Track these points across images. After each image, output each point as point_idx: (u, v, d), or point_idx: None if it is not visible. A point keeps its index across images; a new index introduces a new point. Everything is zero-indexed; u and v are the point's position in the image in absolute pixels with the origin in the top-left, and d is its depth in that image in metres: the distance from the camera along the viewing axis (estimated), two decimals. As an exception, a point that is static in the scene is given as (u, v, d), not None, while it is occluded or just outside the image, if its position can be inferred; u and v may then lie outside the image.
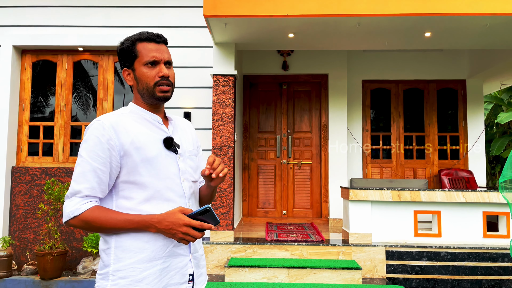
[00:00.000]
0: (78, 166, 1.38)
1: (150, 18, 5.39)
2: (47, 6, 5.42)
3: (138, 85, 1.49)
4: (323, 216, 6.37)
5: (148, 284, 1.34)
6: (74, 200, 1.36)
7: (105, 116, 1.43)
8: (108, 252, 1.38)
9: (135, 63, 1.49)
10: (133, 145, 1.40)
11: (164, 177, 1.43)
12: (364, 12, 4.12)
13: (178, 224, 1.31)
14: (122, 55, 1.52)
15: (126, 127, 1.42)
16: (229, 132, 4.88)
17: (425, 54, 6.79)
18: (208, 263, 4.59)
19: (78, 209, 1.34)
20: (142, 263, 1.34)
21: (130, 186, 1.39)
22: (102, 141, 1.37)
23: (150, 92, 1.48)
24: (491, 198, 4.57)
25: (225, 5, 4.14)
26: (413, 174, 6.70)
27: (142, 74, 1.48)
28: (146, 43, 1.49)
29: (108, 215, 1.35)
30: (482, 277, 4.43)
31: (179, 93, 5.33)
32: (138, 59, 1.48)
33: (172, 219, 1.32)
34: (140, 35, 1.51)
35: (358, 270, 4.23)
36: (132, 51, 1.49)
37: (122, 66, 1.54)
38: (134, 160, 1.39)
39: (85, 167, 1.36)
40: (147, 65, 1.48)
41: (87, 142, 1.38)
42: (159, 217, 1.33)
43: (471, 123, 6.74)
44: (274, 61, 6.57)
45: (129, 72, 1.52)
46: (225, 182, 4.81)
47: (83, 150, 1.38)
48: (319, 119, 6.58)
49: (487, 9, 4.04)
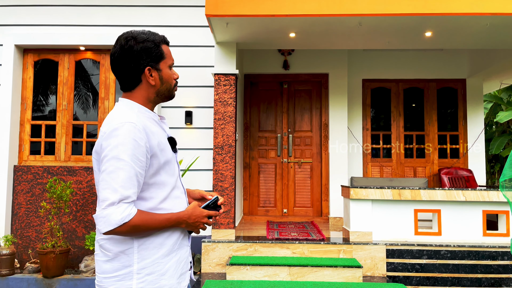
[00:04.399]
0: (122, 171, 1.32)
1: (152, 18, 5.41)
2: (49, 5, 5.43)
3: (162, 86, 1.52)
4: (323, 214, 6.40)
5: (170, 276, 1.45)
6: (122, 206, 1.32)
7: (129, 117, 1.40)
8: (130, 252, 1.40)
9: (161, 64, 1.50)
10: (159, 147, 1.44)
11: (174, 176, 1.52)
12: (365, 12, 4.14)
13: (202, 216, 1.51)
14: (146, 53, 1.46)
15: (150, 128, 1.44)
16: (230, 131, 4.90)
17: (425, 54, 6.82)
18: (209, 261, 4.62)
19: (129, 214, 1.32)
20: (163, 258, 1.44)
21: (150, 187, 1.43)
22: (140, 144, 1.36)
23: (170, 92, 1.56)
24: (491, 197, 4.60)
25: (227, 5, 4.16)
26: (413, 173, 6.73)
27: (168, 76, 1.53)
28: (167, 46, 1.54)
29: (151, 217, 1.39)
30: (482, 275, 4.46)
31: (181, 92, 5.35)
32: (165, 60, 1.51)
33: (197, 213, 1.50)
34: (163, 37, 1.53)
35: (359, 268, 4.26)
36: (159, 51, 1.49)
37: (142, 64, 1.47)
38: (159, 162, 1.44)
39: (130, 171, 1.33)
40: (170, 67, 1.54)
41: (126, 145, 1.33)
42: (187, 213, 1.48)
43: (471, 122, 6.78)
44: (275, 60, 6.59)
45: (153, 72, 1.49)
46: (227, 181, 4.84)
47: (123, 153, 1.33)
48: (320, 118, 6.60)
49: (488, 9, 4.06)
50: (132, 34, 1.48)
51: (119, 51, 1.48)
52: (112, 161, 1.33)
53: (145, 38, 1.47)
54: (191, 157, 5.24)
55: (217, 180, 4.84)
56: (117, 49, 1.48)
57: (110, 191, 1.31)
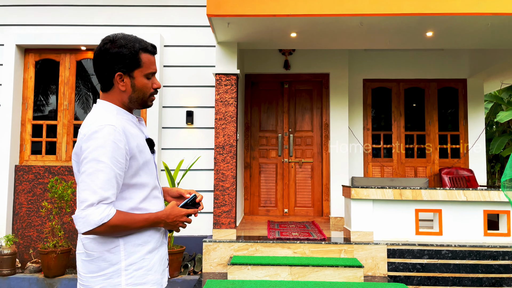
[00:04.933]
0: (101, 172, 1.35)
1: (153, 18, 5.41)
2: (50, 5, 5.44)
3: (133, 93, 1.50)
4: (324, 214, 6.40)
5: (156, 271, 1.51)
6: (102, 207, 1.34)
7: (109, 119, 1.42)
8: (116, 251, 1.43)
9: (135, 72, 1.48)
10: (138, 149, 1.47)
11: (153, 177, 1.56)
12: (366, 11, 4.15)
13: (180, 215, 1.53)
14: (120, 59, 1.45)
15: (129, 130, 1.46)
16: (231, 131, 4.90)
17: (426, 53, 6.82)
18: (211, 261, 4.62)
19: (108, 215, 1.35)
20: (149, 254, 1.49)
21: (130, 187, 1.46)
22: (120, 147, 1.39)
23: (143, 101, 1.54)
24: (492, 197, 4.61)
25: (229, 5, 4.17)
26: (414, 173, 6.74)
27: (142, 85, 1.50)
28: (149, 55, 1.51)
29: (129, 217, 1.42)
30: (483, 275, 4.46)
31: (182, 92, 5.35)
32: (141, 69, 1.48)
33: (176, 213, 1.52)
34: (145, 45, 1.49)
35: (360, 268, 4.26)
36: (136, 59, 1.47)
37: (114, 69, 1.46)
38: (138, 163, 1.47)
39: (110, 173, 1.36)
40: (147, 77, 1.51)
41: (105, 147, 1.36)
42: (165, 212, 1.50)
43: (471, 122, 6.78)
44: (275, 60, 6.60)
45: (125, 78, 1.48)
46: (228, 181, 4.84)
47: (103, 156, 1.35)
48: (321, 118, 6.61)
49: (489, 9, 4.07)
50: (114, 37, 1.47)
51: (98, 52, 1.49)
52: (92, 163, 1.35)
53: (123, 43, 1.45)
54: (192, 157, 5.24)
55: (218, 180, 4.84)
56: (97, 49, 1.49)
57: (89, 192, 1.33)
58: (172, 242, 4.65)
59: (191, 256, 5.07)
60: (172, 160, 5.25)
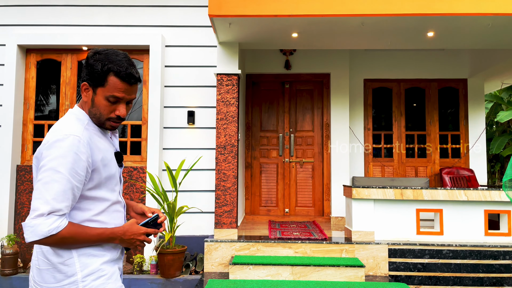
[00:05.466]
0: (57, 183, 1.31)
1: (155, 17, 5.42)
2: (51, 6, 5.44)
3: (92, 108, 1.47)
4: (325, 214, 6.41)
5: (116, 280, 1.48)
6: (52, 218, 1.30)
7: (75, 129, 1.38)
8: (70, 263, 1.39)
9: (98, 89, 1.44)
10: (102, 162, 1.44)
11: (116, 191, 1.52)
12: (368, 12, 4.16)
13: (138, 233, 1.48)
14: (90, 71, 1.45)
15: (96, 143, 1.44)
16: (233, 131, 4.91)
17: (427, 53, 6.83)
18: (212, 260, 4.63)
19: (57, 227, 1.31)
20: (107, 264, 1.46)
21: (88, 199, 1.42)
22: (81, 158, 1.35)
23: (99, 121, 1.48)
24: (493, 197, 4.62)
25: (230, 5, 4.17)
26: (415, 173, 6.75)
27: (100, 104, 1.45)
28: (120, 81, 1.44)
29: (81, 230, 1.37)
30: (484, 275, 4.48)
31: (183, 92, 5.36)
32: (103, 89, 1.44)
33: (134, 230, 1.48)
34: (119, 70, 1.43)
35: (361, 267, 4.27)
36: (101, 77, 1.43)
37: (85, 78, 1.47)
38: (100, 177, 1.43)
39: (66, 185, 1.32)
40: (108, 99, 1.45)
41: (66, 157, 1.32)
42: (123, 229, 1.46)
43: (472, 122, 6.79)
44: (276, 60, 6.60)
45: (90, 90, 1.46)
46: (229, 181, 4.85)
47: (61, 166, 1.31)
48: (321, 118, 6.62)
49: (490, 9, 4.08)
50: (101, 51, 1.48)
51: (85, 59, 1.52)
52: (49, 172, 1.31)
53: (100, 59, 1.44)
54: (193, 157, 5.25)
55: (219, 180, 4.85)
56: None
57: (41, 202, 1.30)
58: (173, 242, 4.67)
59: (193, 256, 5.08)
60: (173, 160, 5.26)
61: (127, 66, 1.44)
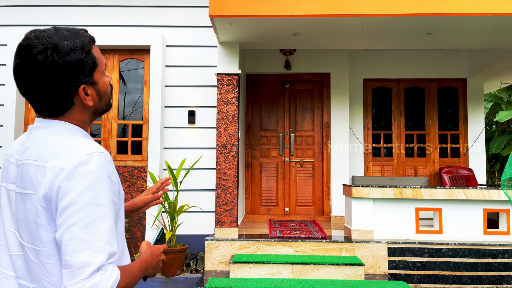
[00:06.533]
0: (103, 221, 1.01)
1: (155, 18, 5.45)
2: (53, 6, 5.47)
3: (100, 102, 1.19)
4: (325, 213, 6.44)
5: None
6: (109, 268, 1.00)
7: (93, 144, 1.08)
8: None
9: (95, 74, 1.14)
10: (119, 183, 1.16)
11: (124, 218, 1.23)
12: (367, 12, 4.18)
13: (159, 253, 1.28)
14: (78, 68, 1.08)
15: None
16: (233, 131, 4.94)
17: (426, 53, 6.86)
18: (213, 259, 4.66)
19: (117, 277, 1.02)
20: None
21: None
22: (114, 181, 1.07)
23: (108, 105, 1.24)
24: (492, 196, 4.65)
25: (231, 5, 4.20)
26: (414, 172, 6.78)
27: (105, 86, 1.18)
28: (95, 46, 1.17)
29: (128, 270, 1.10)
30: (483, 273, 4.50)
31: (184, 92, 5.39)
32: (99, 67, 1.15)
33: (155, 252, 1.26)
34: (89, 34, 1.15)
35: (361, 266, 4.30)
36: (93, 59, 1.12)
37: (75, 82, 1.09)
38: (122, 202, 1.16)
39: (111, 219, 1.04)
40: (104, 72, 1.19)
41: (101, 184, 1.02)
42: (148, 255, 1.23)
43: (471, 121, 6.82)
44: (276, 60, 6.63)
45: (89, 89, 1.13)
46: (230, 180, 4.88)
47: (101, 197, 1.02)
48: (321, 118, 6.64)
49: (489, 9, 4.10)
50: (50, 40, 1.05)
51: (33, 67, 1.05)
52: (87, 209, 0.99)
53: (71, 46, 1.07)
54: (194, 156, 5.28)
55: (220, 179, 4.88)
56: (29, 63, 1.06)
57: (91, 252, 0.97)
58: (174, 241, 4.69)
59: (194, 255, 5.11)
60: (174, 160, 5.29)
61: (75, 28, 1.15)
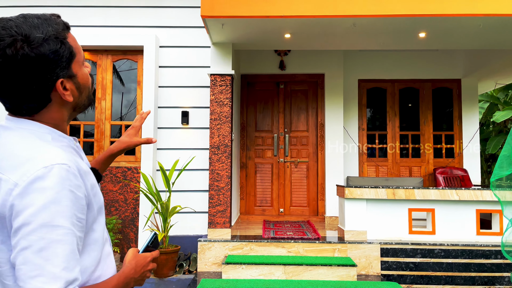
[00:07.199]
0: (61, 244, 0.86)
1: (149, 18, 5.45)
2: (44, 6, 5.47)
3: (81, 96, 1.05)
4: (319, 214, 6.44)
5: None
6: None
7: (56, 154, 0.91)
8: None
9: (73, 65, 1.00)
10: (92, 192, 1.00)
11: (104, 223, 1.10)
12: (359, 13, 4.18)
13: (146, 263, 1.16)
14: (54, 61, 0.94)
15: (80, 165, 0.98)
16: (226, 131, 4.94)
17: (421, 54, 6.86)
18: (205, 260, 4.65)
19: None
20: None
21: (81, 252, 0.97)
22: (79, 196, 0.92)
23: (90, 99, 1.10)
24: (485, 196, 4.64)
25: (222, 6, 4.20)
26: (409, 173, 6.78)
27: (85, 78, 1.05)
28: (71, 34, 1.03)
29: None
30: (475, 274, 4.50)
31: (177, 92, 5.39)
32: (76, 58, 1.01)
33: (141, 263, 1.14)
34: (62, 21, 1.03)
35: (353, 267, 4.30)
36: (69, 49, 0.98)
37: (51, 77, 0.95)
38: (93, 213, 1.00)
39: (72, 242, 0.88)
40: (84, 62, 1.06)
41: (61, 202, 0.87)
42: (130, 267, 1.11)
43: (466, 122, 6.82)
44: (271, 60, 6.63)
45: (68, 83, 0.99)
46: (223, 181, 4.87)
47: (59, 217, 0.86)
48: (316, 118, 6.64)
49: (480, 10, 4.10)
50: (19, 31, 0.93)
51: (1, 62, 0.91)
52: (42, 232, 0.84)
53: (43, 35, 0.94)
54: (187, 157, 5.28)
55: (213, 180, 4.88)
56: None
57: (46, 280, 0.83)
58: (167, 242, 4.69)
59: (187, 256, 5.11)
60: (167, 160, 5.29)
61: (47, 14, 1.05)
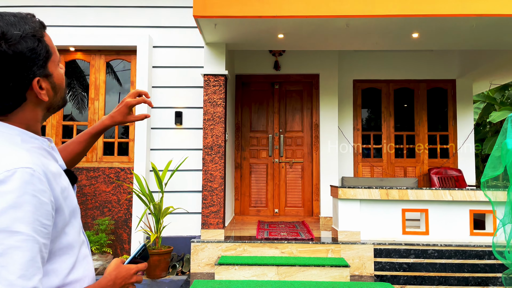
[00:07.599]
0: (19, 251, 0.82)
1: (142, 18, 5.43)
2: (38, 6, 5.44)
3: (56, 96, 1.04)
4: (314, 214, 6.43)
5: None
6: None
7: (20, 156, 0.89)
8: None
9: (49, 65, 1.00)
10: (63, 195, 0.96)
11: (80, 227, 1.06)
12: (352, 13, 4.17)
13: (130, 275, 1.11)
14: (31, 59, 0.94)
15: (50, 168, 0.96)
16: (220, 132, 4.92)
17: (416, 54, 6.86)
18: (198, 261, 4.64)
19: None
20: None
21: (53, 255, 0.94)
22: (44, 201, 0.88)
23: (64, 99, 1.09)
24: (478, 197, 4.64)
25: (215, 6, 4.19)
26: (404, 173, 6.77)
27: (61, 79, 1.05)
28: (46, 33, 1.04)
29: None
30: (469, 274, 4.50)
31: (171, 92, 5.37)
32: (53, 57, 1.01)
33: (123, 274, 1.10)
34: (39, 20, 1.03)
35: (347, 267, 4.29)
36: (46, 48, 0.99)
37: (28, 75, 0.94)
38: (64, 218, 0.96)
39: (32, 249, 0.84)
40: (59, 62, 1.07)
41: (22, 207, 0.83)
42: (110, 278, 1.07)
43: (460, 122, 6.82)
44: (266, 61, 6.62)
45: (44, 82, 0.98)
46: (216, 182, 4.86)
47: (18, 223, 0.83)
48: (311, 119, 6.63)
49: (473, 10, 4.10)
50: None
51: None
52: (8, 235, 0.82)
53: (20, 33, 0.94)
54: (180, 157, 5.26)
55: (206, 181, 4.86)
56: None
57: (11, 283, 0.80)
58: (159, 243, 4.67)
59: (180, 257, 5.09)
60: (160, 161, 5.27)
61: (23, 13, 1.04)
